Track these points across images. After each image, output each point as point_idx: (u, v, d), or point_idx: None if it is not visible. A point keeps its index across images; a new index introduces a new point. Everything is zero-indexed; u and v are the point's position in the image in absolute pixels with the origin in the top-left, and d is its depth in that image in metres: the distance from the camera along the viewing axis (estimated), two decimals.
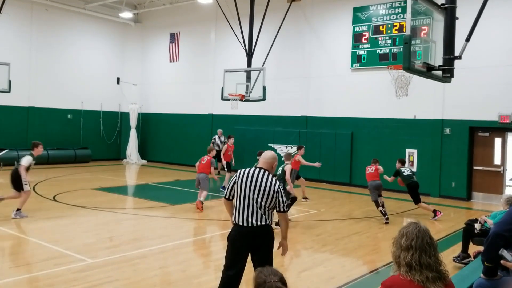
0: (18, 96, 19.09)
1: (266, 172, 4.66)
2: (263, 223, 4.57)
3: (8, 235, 8.18)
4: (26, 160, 9.48)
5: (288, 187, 9.45)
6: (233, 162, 15.61)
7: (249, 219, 4.54)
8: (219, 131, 18.83)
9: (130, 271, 6.44)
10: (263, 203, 4.55)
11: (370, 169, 10.97)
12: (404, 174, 11.06)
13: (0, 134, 19.14)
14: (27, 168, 9.55)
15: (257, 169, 4.68)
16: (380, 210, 10.43)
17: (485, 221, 6.83)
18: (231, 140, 15.78)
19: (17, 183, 9.53)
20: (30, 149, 9.83)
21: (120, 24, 23.30)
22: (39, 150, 9.77)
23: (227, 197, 4.78)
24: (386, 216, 10.29)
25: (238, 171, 4.74)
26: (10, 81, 16.88)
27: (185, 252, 7.52)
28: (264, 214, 4.58)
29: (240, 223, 4.58)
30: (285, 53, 18.21)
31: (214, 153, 11.88)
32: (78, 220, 9.69)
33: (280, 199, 4.62)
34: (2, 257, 7.10)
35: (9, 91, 17.01)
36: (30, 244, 7.70)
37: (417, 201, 10.98)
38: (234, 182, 4.68)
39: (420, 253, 2.68)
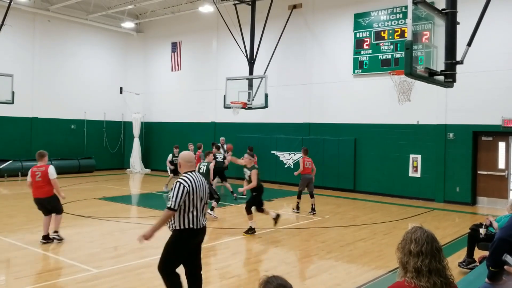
0: (22, 107, 19.21)
1: (199, 174, 5.00)
2: (205, 222, 5.01)
3: (13, 246, 8.19)
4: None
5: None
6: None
7: (201, 221, 4.89)
8: (222, 139, 18.79)
9: (135, 280, 6.44)
10: (204, 203, 4.94)
11: (308, 163, 12.32)
12: (217, 159, 13.53)
13: (4, 145, 19.23)
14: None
15: (194, 173, 4.91)
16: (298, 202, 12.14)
17: (491, 223, 6.78)
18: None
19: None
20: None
21: (122, 34, 23.46)
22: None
23: (176, 208, 4.68)
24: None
25: (185, 181, 4.72)
26: (13, 92, 17.01)
27: None
28: (204, 214, 5.00)
29: (195, 227, 4.82)
30: (287, 60, 18.27)
31: (202, 147, 15.49)
32: (82, 230, 9.70)
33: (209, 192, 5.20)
34: (7, 268, 7.11)
35: (12, 102, 17.15)
36: (35, 255, 7.70)
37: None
38: (187, 192, 4.71)
39: (430, 258, 2.67)
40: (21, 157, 19.19)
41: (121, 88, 23.74)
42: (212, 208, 10.90)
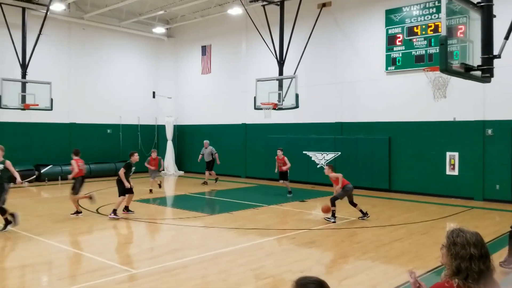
0: (60, 113, 19.85)
1: None
2: None
3: (55, 248, 8.48)
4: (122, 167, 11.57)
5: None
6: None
7: None
8: (206, 142, 18.81)
9: (172, 281, 6.54)
10: None
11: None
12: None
13: (44, 150, 19.93)
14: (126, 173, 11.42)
15: None
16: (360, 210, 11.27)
17: None
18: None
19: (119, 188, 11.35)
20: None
21: (153, 39, 23.92)
22: (135, 158, 11.86)
23: None
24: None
25: None
26: (52, 99, 17.63)
27: (225, 262, 7.57)
28: None
29: None
30: (317, 59, 18.15)
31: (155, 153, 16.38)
32: (120, 231, 9.93)
33: None
34: (49, 269, 7.36)
35: (51, 109, 17.78)
36: (76, 256, 7.95)
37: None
38: None
39: (489, 259, 2.65)
40: (60, 162, 19.79)
41: (153, 93, 24.20)
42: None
